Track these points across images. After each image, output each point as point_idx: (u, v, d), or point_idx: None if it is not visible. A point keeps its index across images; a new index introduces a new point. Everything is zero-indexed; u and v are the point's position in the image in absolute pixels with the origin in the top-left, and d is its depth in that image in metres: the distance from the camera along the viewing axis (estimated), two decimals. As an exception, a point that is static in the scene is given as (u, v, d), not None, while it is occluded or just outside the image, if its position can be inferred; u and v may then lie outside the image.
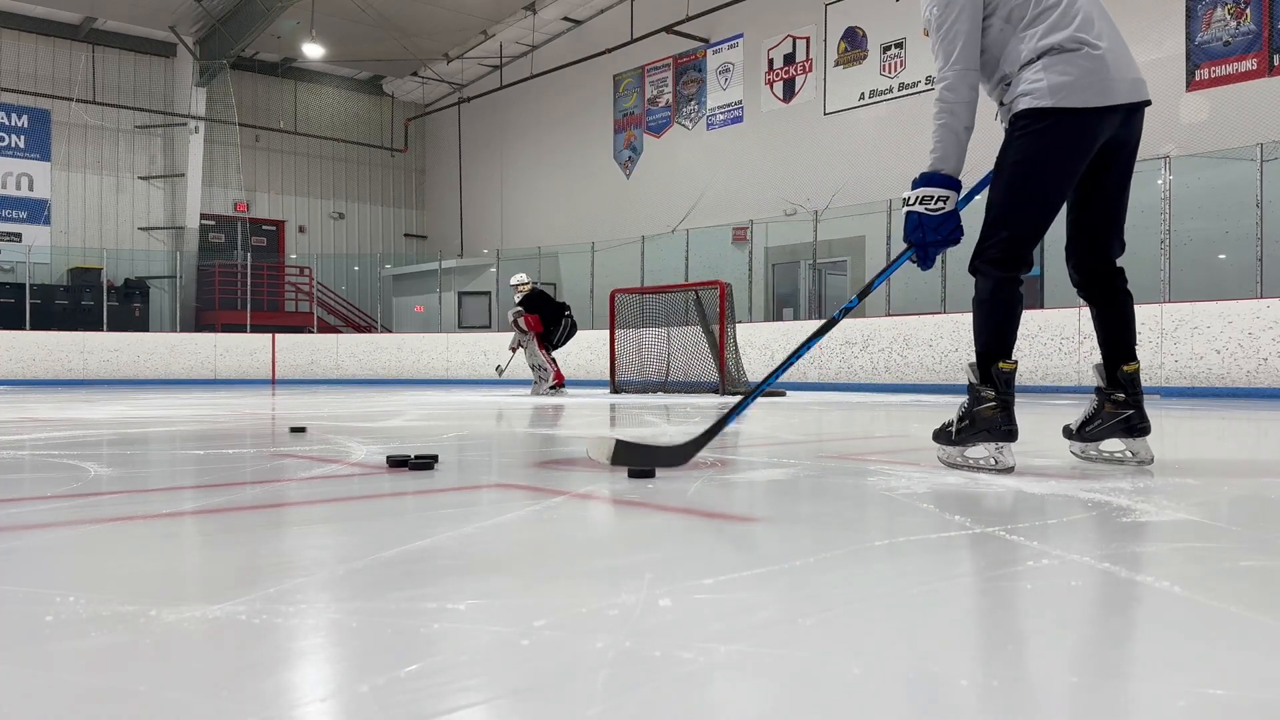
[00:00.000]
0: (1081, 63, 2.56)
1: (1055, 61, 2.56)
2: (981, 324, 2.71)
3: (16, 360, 15.95)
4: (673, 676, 0.95)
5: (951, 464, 2.74)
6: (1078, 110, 2.55)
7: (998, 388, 2.63)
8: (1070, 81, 2.55)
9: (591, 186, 19.92)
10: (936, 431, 2.80)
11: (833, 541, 1.73)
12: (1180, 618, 1.21)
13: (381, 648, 1.06)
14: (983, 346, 2.70)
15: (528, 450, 3.80)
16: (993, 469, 2.63)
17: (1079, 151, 2.61)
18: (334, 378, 17.40)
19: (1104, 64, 2.57)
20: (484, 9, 19.74)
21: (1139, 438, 2.79)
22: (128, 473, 2.92)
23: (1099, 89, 2.56)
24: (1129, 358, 2.81)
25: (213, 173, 21.47)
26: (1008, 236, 2.64)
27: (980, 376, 2.67)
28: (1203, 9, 11.53)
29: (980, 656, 1.06)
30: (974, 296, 2.76)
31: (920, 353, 11.53)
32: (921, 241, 2.65)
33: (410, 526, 1.92)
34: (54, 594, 1.29)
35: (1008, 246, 2.64)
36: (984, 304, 2.71)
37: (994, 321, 2.68)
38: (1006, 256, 2.64)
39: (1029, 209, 2.64)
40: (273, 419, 5.92)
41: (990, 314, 2.69)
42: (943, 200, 2.62)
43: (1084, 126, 2.58)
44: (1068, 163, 2.62)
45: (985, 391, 2.64)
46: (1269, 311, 8.98)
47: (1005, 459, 2.63)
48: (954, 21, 2.62)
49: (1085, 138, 2.59)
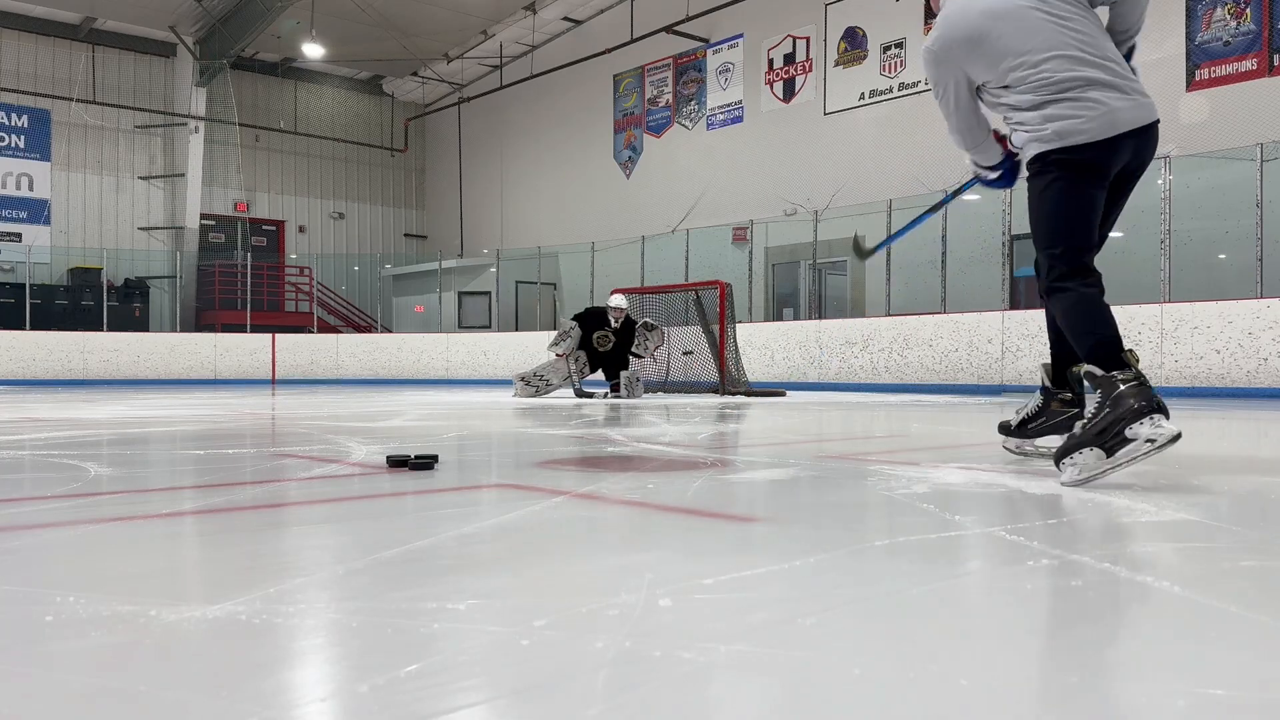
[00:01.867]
0: (1078, 105, 2.56)
1: (1055, 111, 2.58)
2: (1085, 328, 2.55)
3: (16, 360, 15.95)
4: (673, 676, 0.95)
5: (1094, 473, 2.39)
6: (1087, 145, 2.56)
7: (1132, 369, 2.43)
8: (1074, 126, 2.55)
9: (591, 186, 19.91)
10: (1060, 450, 2.48)
11: (833, 541, 1.73)
12: (1180, 618, 1.21)
13: (381, 648, 1.06)
14: (1097, 348, 2.49)
15: (528, 450, 3.80)
16: (1155, 449, 2.34)
17: (1097, 183, 2.61)
18: (334, 378, 17.39)
19: (1103, 96, 2.55)
20: (484, 9, 19.74)
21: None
22: (128, 473, 2.92)
23: (1103, 123, 2.55)
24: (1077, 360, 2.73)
25: (213, 173, 21.46)
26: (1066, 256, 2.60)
27: (1107, 367, 2.45)
28: (1203, 9, 11.53)
29: (980, 656, 1.06)
30: (1058, 315, 2.66)
31: (920, 353, 11.52)
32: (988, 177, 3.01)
33: (410, 526, 1.92)
34: (54, 594, 1.29)
35: (1064, 268, 2.60)
36: (1073, 312, 2.59)
37: (1089, 317, 2.55)
38: (1068, 271, 2.59)
39: (1068, 240, 2.61)
40: (273, 419, 5.92)
41: (1087, 316, 2.56)
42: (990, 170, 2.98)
43: (1099, 156, 2.58)
44: (1089, 194, 2.61)
45: (1123, 374, 2.41)
46: (1269, 311, 8.97)
47: (1168, 428, 2.35)
48: (943, 98, 2.83)
49: (1100, 170, 2.60)
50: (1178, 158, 10.41)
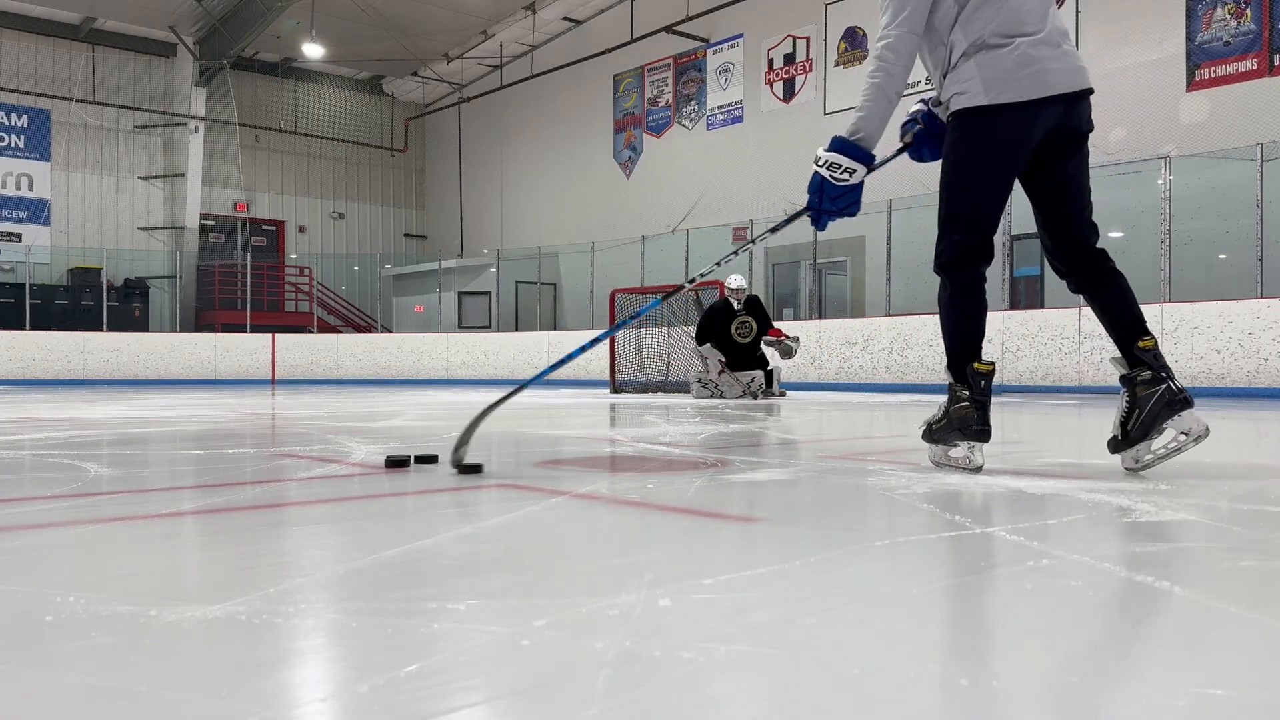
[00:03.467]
0: (1012, 57, 2.54)
1: (987, 58, 2.56)
2: (948, 326, 2.75)
3: (16, 360, 15.95)
4: (673, 676, 0.95)
5: (937, 463, 2.77)
6: (1012, 105, 2.55)
7: (972, 388, 2.66)
8: (1002, 77, 2.54)
9: (591, 186, 19.91)
10: (923, 431, 2.82)
11: (833, 541, 1.73)
12: (1180, 618, 1.21)
13: (381, 648, 1.06)
14: (952, 348, 2.73)
15: (528, 450, 3.80)
16: (965, 468, 2.65)
17: (1019, 145, 2.60)
18: (334, 378, 17.39)
19: (1038, 55, 2.55)
20: (484, 9, 19.74)
21: (1183, 411, 2.57)
22: (128, 473, 2.92)
23: (1032, 82, 2.54)
24: (1142, 332, 2.64)
25: (213, 173, 21.47)
26: (959, 239, 2.67)
27: (956, 376, 2.71)
28: (1203, 9, 11.53)
29: (980, 656, 1.06)
30: (937, 297, 2.77)
31: (920, 353, 11.52)
32: (817, 207, 2.71)
33: (410, 526, 1.92)
34: (54, 594, 1.29)
35: (960, 249, 2.68)
36: (946, 306, 2.74)
37: (958, 323, 2.73)
38: (960, 259, 2.68)
39: (974, 209, 2.66)
40: (273, 419, 5.92)
41: (953, 315, 2.73)
42: (849, 172, 2.68)
43: (1021, 120, 2.57)
44: (1008, 158, 2.62)
45: (960, 391, 2.68)
46: (1269, 311, 8.98)
47: (975, 458, 2.66)
48: (901, 19, 2.62)
49: (1023, 131, 2.58)
50: (1178, 158, 10.41)
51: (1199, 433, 2.60)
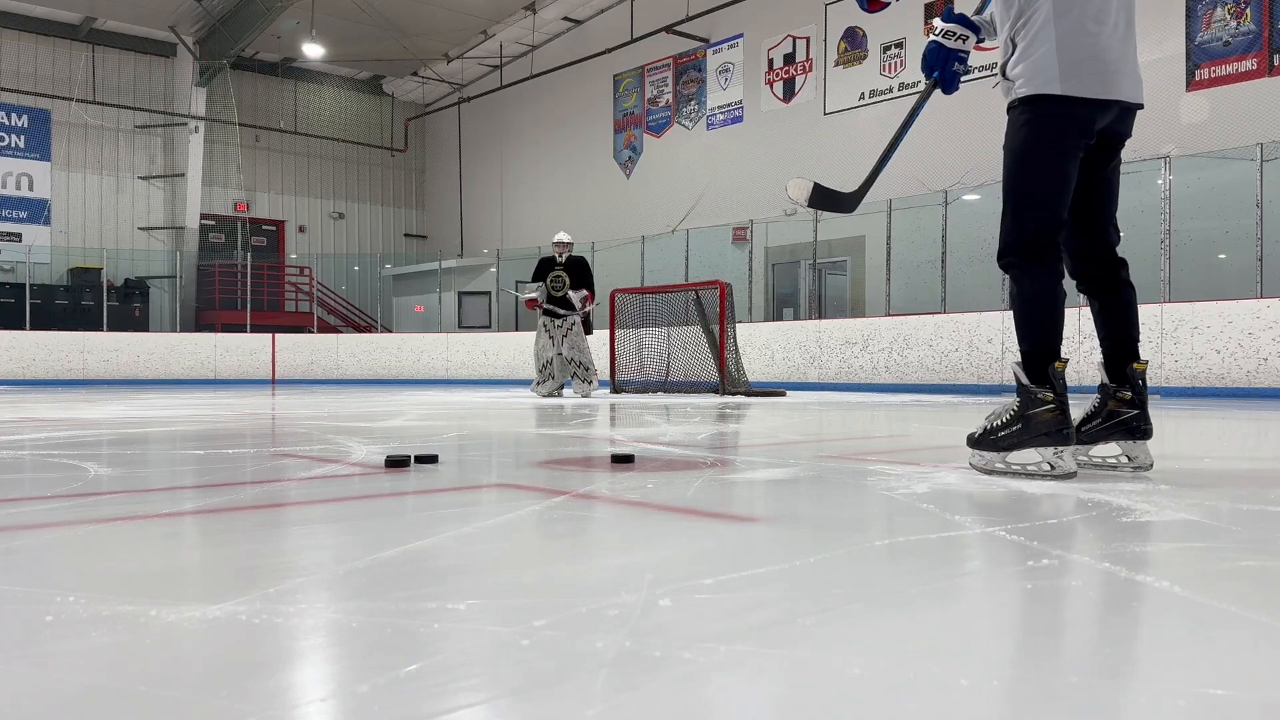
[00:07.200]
0: (1094, 48, 2.53)
1: (1070, 40, 2.52)
2: (1023, 322, 2.62)
3: (16, 360, 15.95)
4: (673, 676, 0.95)
5: (988, 470, 2.59)
6: (1081, 100, 2.54)
7: (1055, 388, 2.51)
8: (1077, 69, 2.52)
9: (591, 186, 19.91)
10: (976, 437, 2.63)
11: (833, 541, 1.73)
12: (1180, 618, 1.21)
13: (381, 648, 1.06)
14: (1029, 346, 2.58)
15: (528, 450, 3.80)
16: (1049, 475, 2.48)
17: (1082, 139, 2.60)
18: (334, 378, 17.39)
19: (1115, 55, 2.56)
20: (484, 9, 19.73)
21: (1140, 440, 2.66)
22: (128, 473, 2.92)
23: (1103, 80, 2.54)
24: (1135, 355, 2.70)
25: (213, 173, 21.46)
26: (1033, 232, 2.59)
27: (1033, 377, 2.54)
28: (1203, 9, 11.53)
29: (980, 656, 1.06)
30: (1010, 293, 2.70)
31: (920, 353, 11.53)
32: (945, 69, 2.77)
33: (410, 526, 1.92)
34: (54, 594, 1.29)
35: (1030, 242, 2.60)
36: (1020, 302, 2.63)
37: (1034, 318, 2.59)
38: (1030, 251, 2.60)
39: (1042, 198, 2.60)
40: (273, 419, 5.92)
41: (1028, 311, 2.61)
42: (962, 39, 2.76)
43: (1086, 116, 2.57)
44: (1072, 149, 2.60)
45: (1042, 393, 2.51)
46: (1269, 311, 8.98)
47: (1065, 464, 2.48)
48: None
49: (1088, 124, 2.58)
50: (1178, 158, 10.41)
51: (1142, 464, 2.68)
